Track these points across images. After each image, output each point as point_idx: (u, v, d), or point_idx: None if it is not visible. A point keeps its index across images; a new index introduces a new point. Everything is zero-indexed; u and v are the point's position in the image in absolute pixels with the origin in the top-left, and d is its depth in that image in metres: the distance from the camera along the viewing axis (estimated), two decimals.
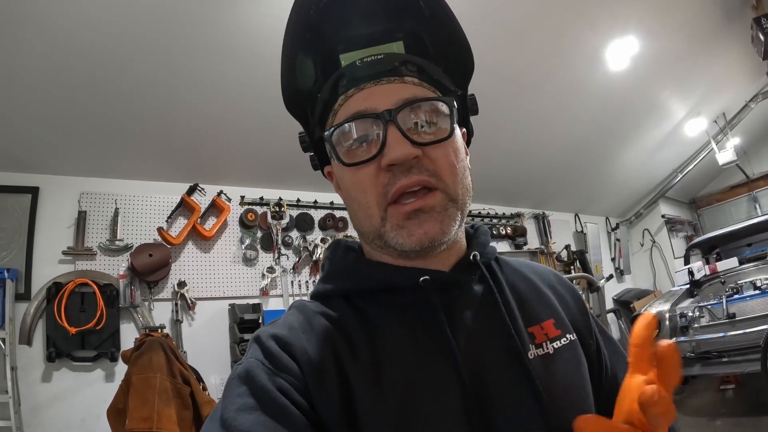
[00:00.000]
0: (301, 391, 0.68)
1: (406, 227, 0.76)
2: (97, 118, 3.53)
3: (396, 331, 0.78)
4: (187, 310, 4.13)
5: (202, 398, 3.21)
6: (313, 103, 0.89)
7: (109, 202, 4.00)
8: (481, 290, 0.85)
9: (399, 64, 0.81)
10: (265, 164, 4.62)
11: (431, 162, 0.76)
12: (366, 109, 0.77)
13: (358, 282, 0.85)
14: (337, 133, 0.79)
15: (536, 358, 0.79)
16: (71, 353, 3.58)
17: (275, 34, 3.07)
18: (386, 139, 0.75)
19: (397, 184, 0.75)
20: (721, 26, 5.23)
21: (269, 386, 0.67)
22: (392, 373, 0.73)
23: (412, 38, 0.87)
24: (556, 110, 5.43)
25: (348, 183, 0.81)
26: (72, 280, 3.65)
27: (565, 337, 0.86)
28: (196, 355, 3.95)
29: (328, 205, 5.14)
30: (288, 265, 4.79)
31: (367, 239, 0.85)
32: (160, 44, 3.19)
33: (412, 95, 0.78)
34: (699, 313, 4.94)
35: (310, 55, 0.88)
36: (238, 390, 0.68)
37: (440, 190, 0.77)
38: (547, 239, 7.34)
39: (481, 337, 0.79)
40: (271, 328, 0.78)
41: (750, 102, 6.85)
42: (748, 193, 8.92)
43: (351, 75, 0.81)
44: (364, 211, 0.79)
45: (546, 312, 0.89)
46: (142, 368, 3.05)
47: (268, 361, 0.71)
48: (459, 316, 0.80)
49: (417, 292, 0.79)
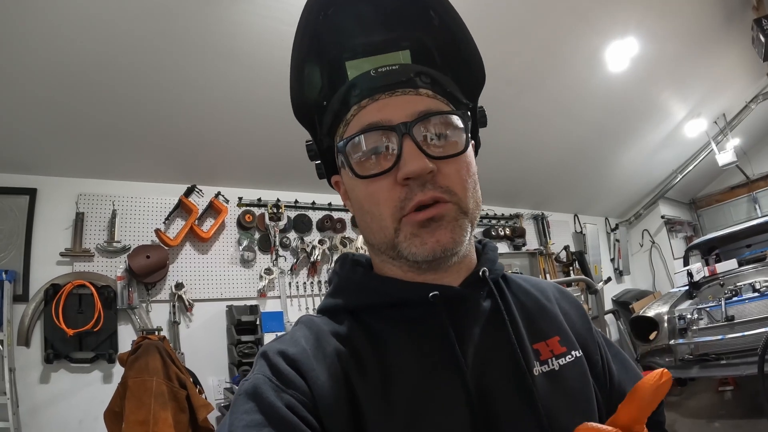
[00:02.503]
0: (309, 408, 0.68)
1: (420, 235, 0.76)
2: (95, 119, 3.53)
3: (404, 346, 0.77)
4: (185, 311, 4.13)
5: (198, 402, 3.22)
6: (321, 111, 0.88)
7: (106, 203, 4.00)
8: (489, 306, 0.85)
9: (413, 75, 0.80)
10: (262, 165, 4.62)
11: (444, 177, 0.76)
12: (381, 120, 0.77)
13: (366, 297, 0.85)
14: (350, 144, 0.78)
15: (541, 375, 0.79)
16: (69, 355, 3.59)
17: (274, 36, 3.08)
18: (402, 152, 0.74)
19: (414, 200, 0.74)
20: (722, 27, 5.21)
21: (277, 403, 0.66)
22: (401, 388, 0.73)
23: (419, 47, 0.87)
24: (555, 111, 5.43)
25: (361, 195, 0.80)
26: (70, 281, 3.66)
27: (570, 354, 0.86)
28: (193, 356, 3.96)
29: (326, 206, 5.14)
30: (286, 266, 4.79)
31: (378, 251, 0.84)
32: (158, 46, 3.19)
33: (426, 108, 0.78)
34: (698, 315, 4.94)
35: (318, 63, 0.87)
36: (246, 406, 0.68)
37: (453, 202, 0.77)
38: (546, 240, 7.34)
39: (488, 353, 0.79)
40: (278, 344, 0.77)
41: (750, 103, 6.84)
42: (748, 194, 8.90)
43: (364, 85, 0.80)
44: (378, 223, 0.79)
45: (551, 329, 0.89)
46: (138, 372, 3.06)
47: (275, 378, 0.70)
48: (467, 332, 0.80)
49: (426, 306, 0.79)
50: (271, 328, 4.32)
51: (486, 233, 6.52)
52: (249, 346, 4.09)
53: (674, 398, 6.40)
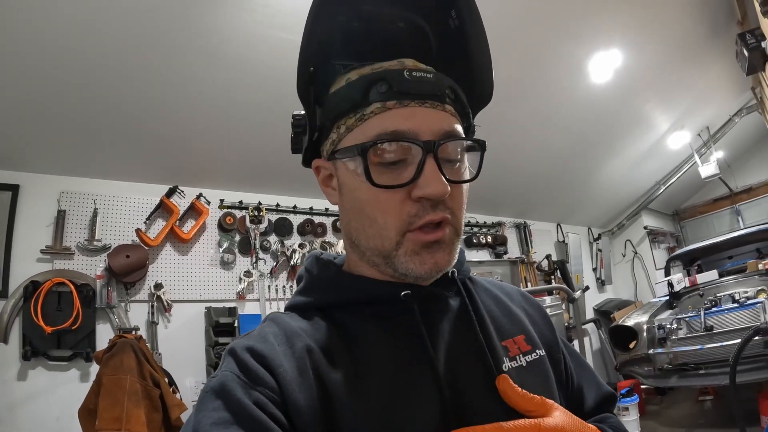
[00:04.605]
0: (277, 404, 0.67)
1: (420, 255, 0.77)
2: (79, 118, 3.52)
3: (376, 342, 0.78)
4: (164, 312, 4.12)
5: (172, 401, 3.23)
6: (322, 85, 0.86)
7: (88, 202, 3.99)
8: (458, 305, 0.87)
9: (446, 89, 0.80)
10: (245, 168, 4.61)
11: (451, 200, 0.77)
12: (408, 131, 0.75)
13: (338, 294, 0.85)
14: (374, 149, 0.75)
15: (511, 370, 0.81)
16: (47, 352, 3.57)
17: (257, 39, 3.09)
18: (423, 170, 0.74)
19: (425, 218, 0.75)
20: (706, 41, 5.26)
21: (245, 400, 0.65)
22: (372, 383, 0.73)
23: (415, 35, 0.89)
24: (538, 121, 5.45)
25: (364, 198, 0.78)
26: (49, 279, 3.64)
27: (535, 352, 0.88)
28: (171, 357, 3.96)
29: (307, 210, 5.14)
30: (265, 269, 4.78)
31: (363, 254, 0.83)
32: (142, 46, 3.20)
33: (451, 128, 0.78)
34: (677, 325, 4.98)
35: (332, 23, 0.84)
36: (213, 404, 0.67)
37: (452, 225, 0.78)
38: (528, 249, 7.36)
39: (457, 348, 0.80)
40: (246, 340, 0.75)
41: (734, 116, 6.92)
42: (731, 206, 8.98)
43: (396, 85, 0.77)
44: (377, 231, 0.78)
45: (516, 328, 0.91)
46: (113, 369, 3.06)
47: (243, 374, 0.69)
48: (437, 329, 0.82)
49: (397, 304, 0.80)
50: (249, 330, 4.26)
51: (468, 241, 6.53)
52: None
53: (654, 407, 6.44)
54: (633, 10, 4.40)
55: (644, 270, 8.64)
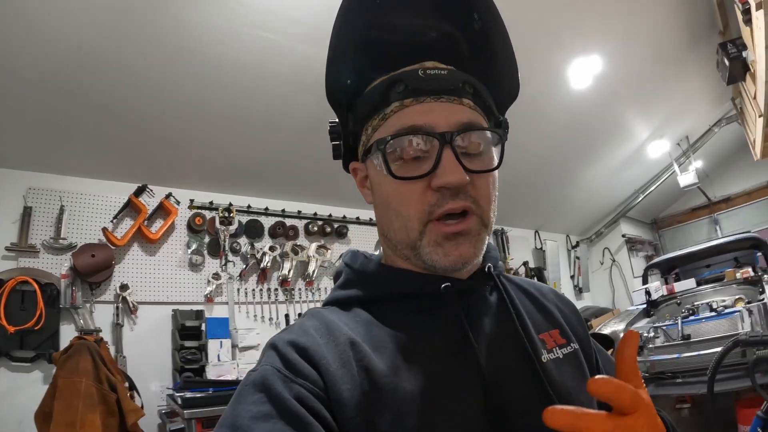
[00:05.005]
0: (319, 397, 0.68)
1: (443, 246, 0.79)
2: (47, 112, 3.46)
3: (417, 334, 0.80)
4: (129, 314, 4.03)
5: (128, 406, 3.16)
6: (353, 95, 0.91)
7: (55, 199, 3.91)
8: (495, 299, 0.90)
9: (461, 84, 0.83)
10: (216, 168, 4.54)
11: (474, 189, 0.80)
12: (424, 125, 0.79)
13: (380, 288, 0.88)
14: (391, 143, 0.79)
15: (549, 362, 0.83)
16: (9, 353, 3.49)
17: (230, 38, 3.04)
18: (440, 160, 0.77)
19: (445, 207, 0.78)
20: (688, 50, 5.28)
21: (285, 394, 0.66)
22: (415, 374, 0.74)
23: (446, 42, 0.93)
24: (516, 126, 5.32)
25: (389, 192, 0.83)
26: (13, 277, 3.56)
27: (569, 345, 0.91)
28: (136, 361, 3.88)
29: (280, 212, 5.06)
30: (235, 272, 4.71)
31: (395, 248, 0.87)
32: (112, 43, 3.15)
33: (469, 120, 0.81)
34: (654, 333, 4.96)
35: (359, 46, 0.90)
36: (253, 398, 0.67)
37: (477, 215, 0.81)
38: (505, 255, 7.34)
39: (498, 342, 0.82)
40: (287, 335, 0.77)
41: (714, 126, 6.95)
42: (709, 216, 9.04)
43: (411, 84, 0.82)
44: (402, 223, 0.82)
45: (551, 323, 0.94)
46: (68, 372, 3.00)
47: (285, 368, 0.70)
48: (477, 322, 0.84)
49: (437, 297, 0.82)
50: (216, 334, 4.24)
51: None
52: (192, 352, 4.02)
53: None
54: (614, 15, 4.40)
55: (622, 278, 8.66)
